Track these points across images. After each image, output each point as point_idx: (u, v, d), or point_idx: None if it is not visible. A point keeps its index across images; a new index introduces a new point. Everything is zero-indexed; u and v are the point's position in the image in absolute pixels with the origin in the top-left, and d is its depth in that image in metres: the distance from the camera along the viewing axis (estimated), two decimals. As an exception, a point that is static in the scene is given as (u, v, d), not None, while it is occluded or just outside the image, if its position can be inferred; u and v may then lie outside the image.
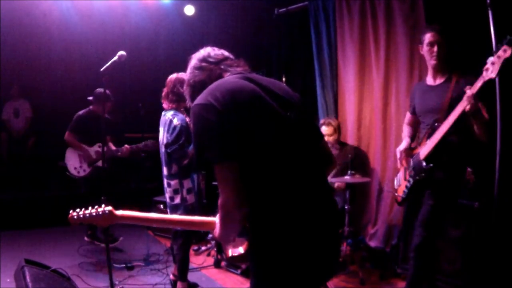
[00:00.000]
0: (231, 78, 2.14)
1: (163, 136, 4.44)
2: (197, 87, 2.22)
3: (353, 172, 5.19)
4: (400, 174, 4.14)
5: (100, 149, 6.02)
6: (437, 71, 3.87)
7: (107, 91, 5.78)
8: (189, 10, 8.28)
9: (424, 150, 3.73)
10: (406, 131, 4.35)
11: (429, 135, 3.72)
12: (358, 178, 5.19)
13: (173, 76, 4.48)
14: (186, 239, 4.60)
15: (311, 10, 6.56)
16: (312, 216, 2.01)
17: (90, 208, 2.54)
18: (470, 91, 3.31)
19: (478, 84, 3.28)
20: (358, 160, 5.84)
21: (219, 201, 1.96)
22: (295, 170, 2.02)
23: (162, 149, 4.46)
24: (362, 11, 5.84)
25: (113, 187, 5.93)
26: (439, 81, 3.86)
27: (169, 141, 4.30)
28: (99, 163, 6.04)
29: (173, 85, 4.43)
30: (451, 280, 4.38)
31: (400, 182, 4.10)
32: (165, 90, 4.49)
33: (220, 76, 2.21)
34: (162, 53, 9.15)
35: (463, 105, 3.36)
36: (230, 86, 2.02)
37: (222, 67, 2.26)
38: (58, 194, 7.78)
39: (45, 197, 7.74)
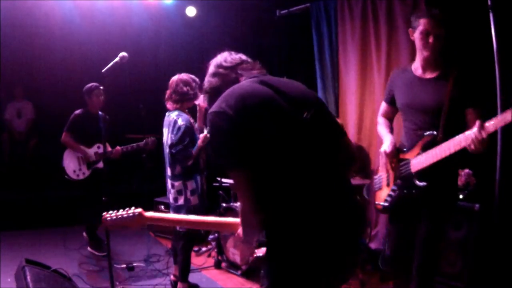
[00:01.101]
0: (245, 82, 2.15)
1: (167, 136, 4.46)
2: (212, 93, 2.25)
3: (353, 174, 5.20)
4: (382, 177, 3.60)
5: (99, 150, 5.97)
6: (429, 63, 3.28)
7: (96, 83, 5.79)
8: (191, 11, 8.30)
9: (417, 163, 3.21)
10: (384, 125, 3.73)
11: (425, 145, 3.18)
12: (358, 180, 5.20)
13: (175, 77, 4.54)
14: (189, 240, 4.61)
15: (313, 11, 6.56)
16: (329, 217, 2.01)
17: (121, 210, 2.60)
18: (481, 133, 2.76)
19: (505, 118, 2.71)
20: (359, 161, 5.84)
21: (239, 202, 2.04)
22: (310, 171, 2.02)
23: (166, 150, 4.47)
24: (363, 12, 5.83)
25: (112, 188, 5.90)
26: (430, 74, 3.29)
27: (174, 141, 4.31)
28: (99, 165, 6.01)
29: (176, 85, 4.47)
30: (451, 283, 4.38)
31: (381, 186, 3.57)
32: (168, 91, 4.53)
33: (236, 81, 2.22)
34: (163, 53, 9.16)
35: (466, 142, 2.87)
36: (242, 91, 2.04)
37: (238, 71, 2.26)
38: (59, 195, 7.75)
39: (46, 197, 7.73)
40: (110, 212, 2.61)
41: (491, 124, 2.77)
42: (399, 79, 3.49)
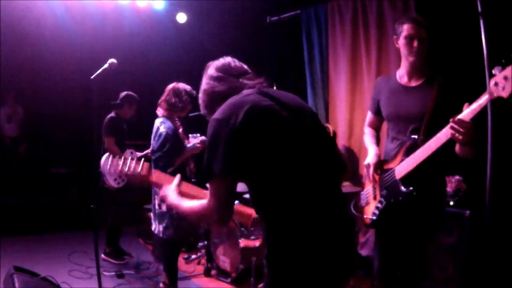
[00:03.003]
0: (248, 93, 2.16)
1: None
2: (216, 98, 2.25)
3: (343, 180, 5.19)
4: (369, 191, 3.52)
5: (132, 155, 5.90)
6: (415, 70, 3.24)
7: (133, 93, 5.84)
8: (181, 17, 8.30)
9: (401, 169, 3.12)
10: (370, 135, 3.71)
11: (407, 150, 3.10)
12: (348, 187, 5.19)
13: (171, 85, 4.59)
14: (174, 247, 4.58)
15: (303, 18, 6.58)
16: (327, 223, 2.05)
17: (129, 158, 2.59)
18: (461, 117, 2.72)
19: (480, 103, 2.70)
20: (350, 168, 5.84)
21: (205, 202, 2.06)
22: (308, 179, 2.06)
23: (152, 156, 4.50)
24: (354, 19, 5.84)
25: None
26: (416, 82, 3.24)
27: (155, 148, 4.38)
28: None
29: (168, 93, 4.54)
30: (443, 287, 4.39)
31: (369, 201, 3.48)
32: (162, 97, 4.57)
33: (240, 90, 2.22)
34: (154, 59, 9.13)
35: (445, 137, 2.82)
36: (246, 102, 2.06)
37: (242, 81, 2.27)
38: (49, 201, 7.73)
39: (36, 204, 7.67)
40: (117, 156, 2.59)
41: (472, 108, 2.73)
42: (384, 88, 3.45)
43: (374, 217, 3.29)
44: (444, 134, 2.83)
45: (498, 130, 4.04)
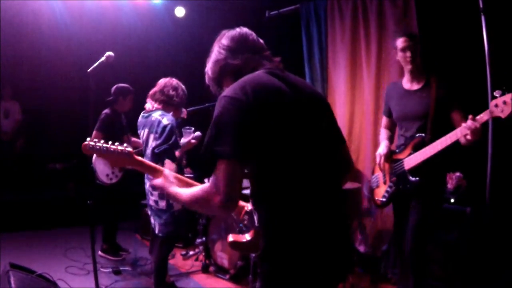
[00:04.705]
0: (264, 74, 2.03)
1: (147, 137, 4.26)
2: (227, 71, 2.13)
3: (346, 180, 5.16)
4: (379, 176, 4.06)
5: None
6: (414, 75, 3.82)
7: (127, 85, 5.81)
8: (180, 11, 8.26)
9: (409, 161, 3.66)
10: (384, 134, 4.24)
11: (415, 146, 3.64)
12: (347, 184, 5.16)
13: (165, 79, 4.37)
14: (170, 244, 4.45)
15: (303, 13, 6.54)
16: (326, 222, 1.99)
17: (110, 142, 2.41)
18: (473, 123, 3.14)
19: (484, 118, 3.14)
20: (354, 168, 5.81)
21: (208, 186, 1.90)
22: (311, 172, 1.97)
23: (148, 151, 4.25)
24: (354, 15, 5.81)
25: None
26: (416, 86, 3.81)
27: (158, 141, 4.08)
28: None
29: (164, 85, 4.29)
30: (443, 285, 4.39)
31: (379, 184, 4.04)
32: (153, 89, 4.34)
33: (255, 68, 2.09)
34: (153, 53, 9.11)
35: (462, 132, 3.22)
36: (261, 84, 1.94)
37: (259, 58, 2.14)
38: (45, 197, 7.69)
39: (32, 200, 7.63)
40: (95, 140, 2.42)
41: (483, 114, 3.16)
42: (393, 94, 4.02)
43: (384, 199, 3.92)
44: (449, 139, 3.32)
45: (498, 129, 4.07)
